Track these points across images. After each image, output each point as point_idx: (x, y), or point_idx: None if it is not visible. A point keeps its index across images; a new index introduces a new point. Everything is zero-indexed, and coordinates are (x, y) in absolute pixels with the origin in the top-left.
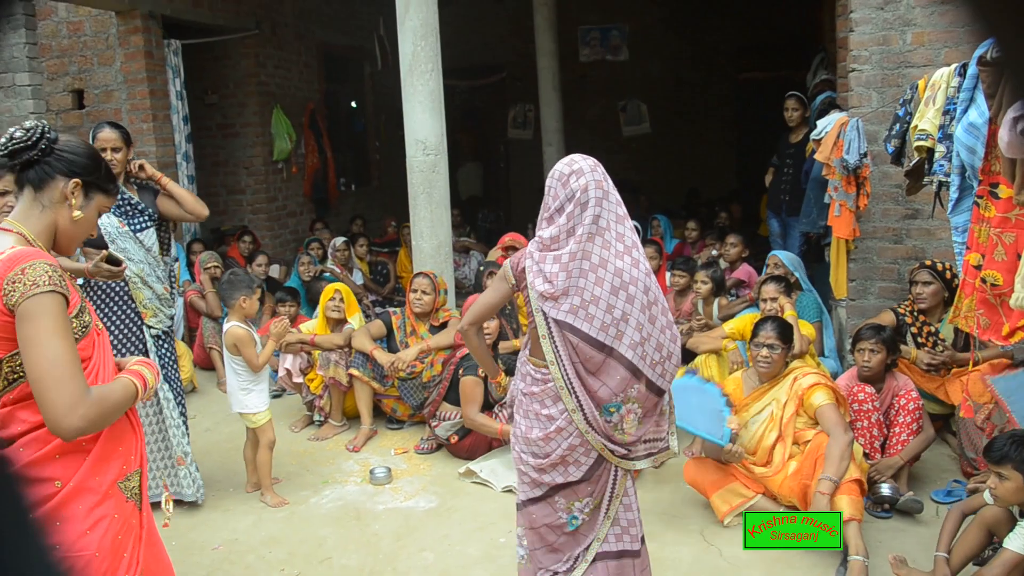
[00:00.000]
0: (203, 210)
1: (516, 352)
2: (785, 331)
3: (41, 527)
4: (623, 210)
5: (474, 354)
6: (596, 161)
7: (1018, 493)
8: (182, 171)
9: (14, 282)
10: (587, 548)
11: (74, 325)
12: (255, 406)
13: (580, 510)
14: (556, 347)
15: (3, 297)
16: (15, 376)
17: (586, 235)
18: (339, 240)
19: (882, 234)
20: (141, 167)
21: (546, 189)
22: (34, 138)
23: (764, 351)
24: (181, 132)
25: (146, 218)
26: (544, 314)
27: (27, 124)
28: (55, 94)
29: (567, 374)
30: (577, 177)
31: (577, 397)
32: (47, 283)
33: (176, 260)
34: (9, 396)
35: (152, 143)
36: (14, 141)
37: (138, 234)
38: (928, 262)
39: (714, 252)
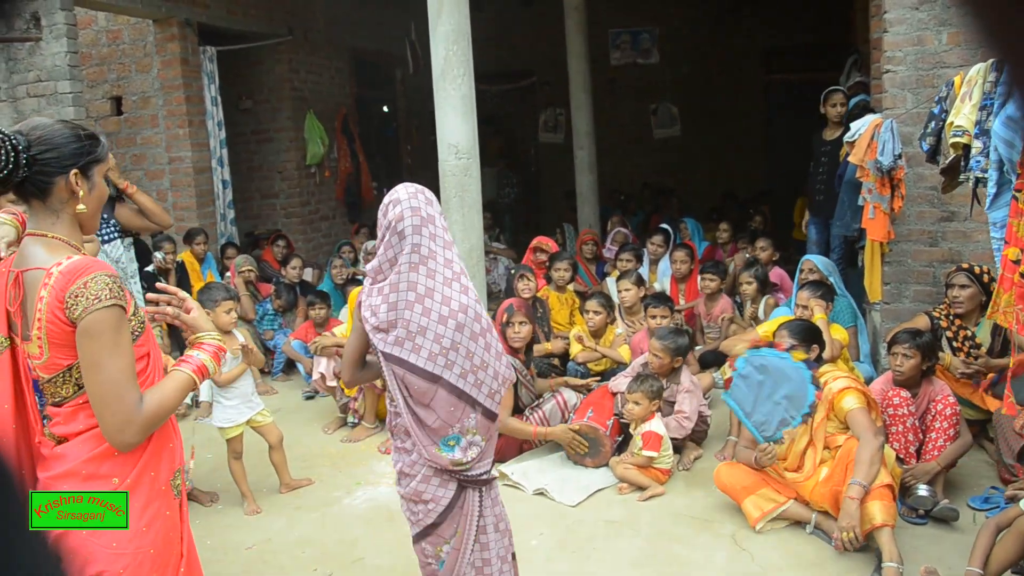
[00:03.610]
0: (168, 220)
1: (549, 355)
2: (802, 331)
3: (41, 535)
4: (450, 236)
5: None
6: (420, 188)
7: None
8: (217, 176)
9: (76, 296)
10: None
11: (132, 324)
12: (221, 420)
13: (447, 553)
14: (391, 381)
15: (65, 311)
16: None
17: (407, 264)
18: (371, 243)
19: (917, 237)
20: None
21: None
22: (8, 161)
23: None
24: (216, 137)
25: (111, 228)
26: (376, 348)
27: None
28: (94, 101)
29: (406, 410)
30: (394, 207)
31: (413, 430)
32: (108, 296)
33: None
34: (78, 399)
35: (188, 148)
36: None
37: (104, 246)
38: (965, 265)
39: (747, 255)
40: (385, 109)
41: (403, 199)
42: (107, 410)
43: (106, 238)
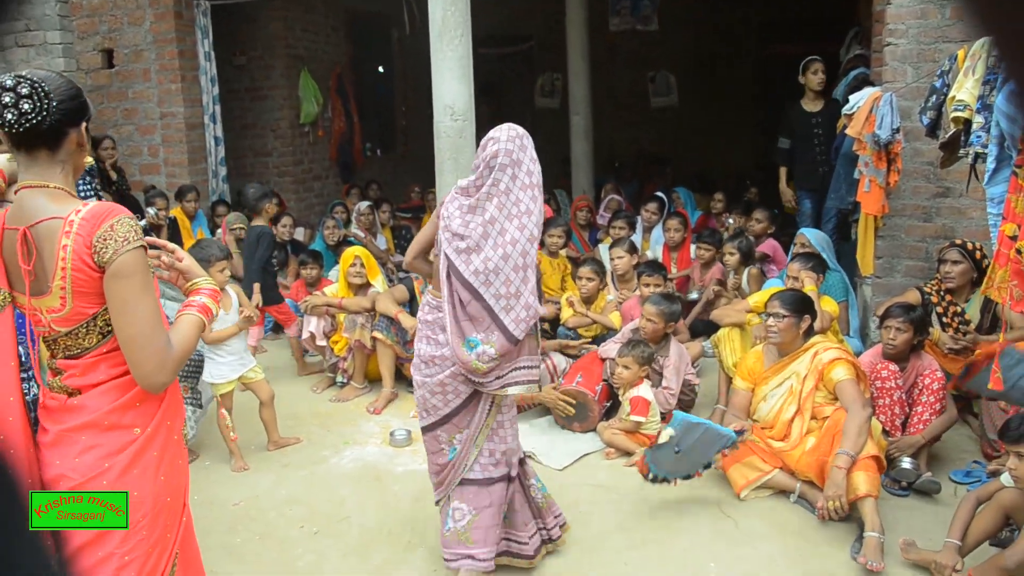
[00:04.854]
0: None
1: (539, 319)
2: (794, 301)
3: (40, 535)
4: (533, 180)
5: (424, 276)
6: (522, 133)
7: None
8: (209, 132)
9: (105, 239)
10: (457, 474)
11: None
12: (215, 376)
13: (460, 441)
14: (444, 278)
15: (93, 255)
16: (108, 329)
17: (486, 194)
18: (363, 204)
19: (911, 212)
20: None
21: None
22: (42, 109)
23: (770, 320)
24: (209, 93)
25: (88, 186)
26: (444, 245)
27: (20, 89)
28: (85, 53)
29: (449, 307)
30: (492, 144)
31: (449, 325)
32: (135, 238)
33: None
34: (102, 348)
35: (180, 104)
36: (26, 118)
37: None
38: (958, 241)
39: (729, 220)
40: (380, 70)
41: (502, 140)
42: (143, 351)
43: (84, 195)
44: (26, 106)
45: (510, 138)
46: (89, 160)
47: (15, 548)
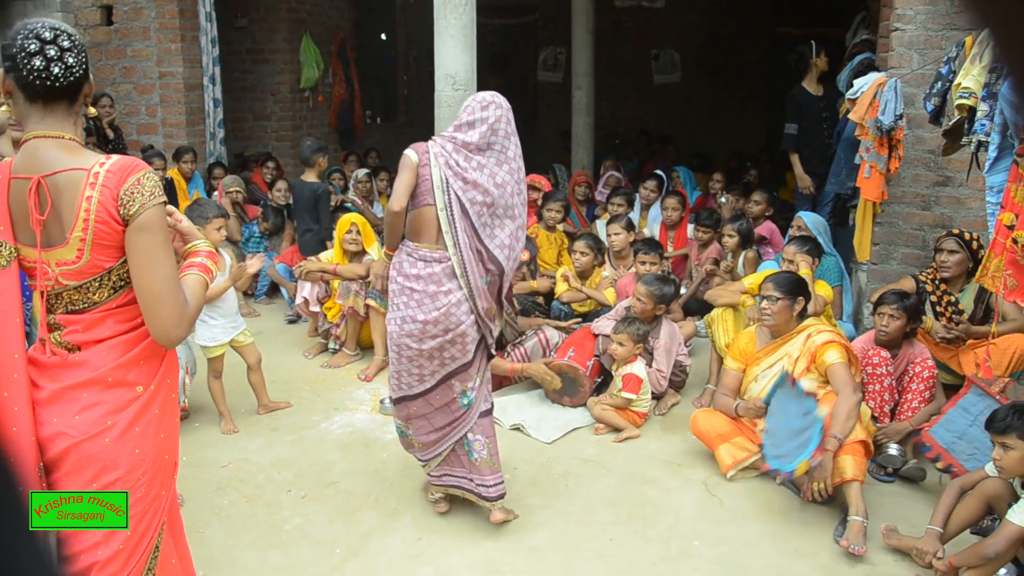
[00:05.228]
0: None
1: (532, 293)
2: (788, 284)
3: (40, 534)
4: (519, 151)
5: (387, 230)
6: (509, 106)
7: (1022, 463)
8: (208, 94)
9: (132, 193)
10: (475, 414)
11: None
12: (206, 339)
13: (472, 388)
14: (455, 225)
15: (119, 208)
16: (121, 284)
17: (495, 160)
18: (361, 172)
19: (910, 199)
20: None
21: (463, 106)
22: (83, 59)
23: (763, 303)
24: (209, 54)
25: None
26: (455, 194)
27: (62, 41)
28: (83, 9)
29: (461, 250)
30: (495, 108)
31: (467, 272)
32: (159, 193)
33: None
34: (111, 304)
35: (180, 64)
36: (72, 72)
37: None
38: (956, 231)
39: (723, 199)
40: (383, 37)
41: (504, 106)
42: (166, 305)
43: None
44: (71, 59)
45: (508, 108)
46: (92, 111)
47: (16, 547)
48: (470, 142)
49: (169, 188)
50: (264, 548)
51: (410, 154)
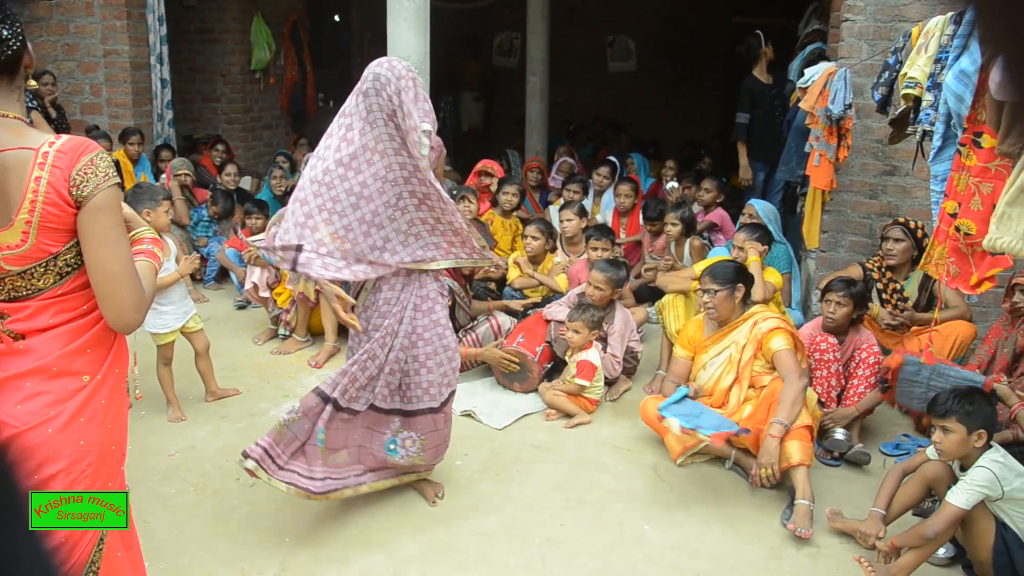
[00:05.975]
0: None
1: (486, 278)
2: (725, 273)
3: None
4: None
5: None
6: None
7: (961, 446)
8: (156, 74)
9: (86, 174)
10: None
11: None
12: (158, 326)
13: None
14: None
15: (71, 189)
16: (68, 270)
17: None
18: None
19: (858, 188)
20: None
21: None
22: (19, 31)
23: (704, 297)
24: (156, 33)
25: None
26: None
27: None
28: None
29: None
30: (366, 73)
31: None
32: (114, 174)
33: None
34: (57, 290)
35: (125, 42)
36: (7, 45)
37: None
38: (902, 220)
39: (673, 184)
40: (337, 19)
41: (372, 74)
42: (123, 289)
43: None
44: (5, 32)
45: (380, 75)
46: (33, 84)
47: (16, 547)
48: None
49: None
50: (211, 537)
51: None
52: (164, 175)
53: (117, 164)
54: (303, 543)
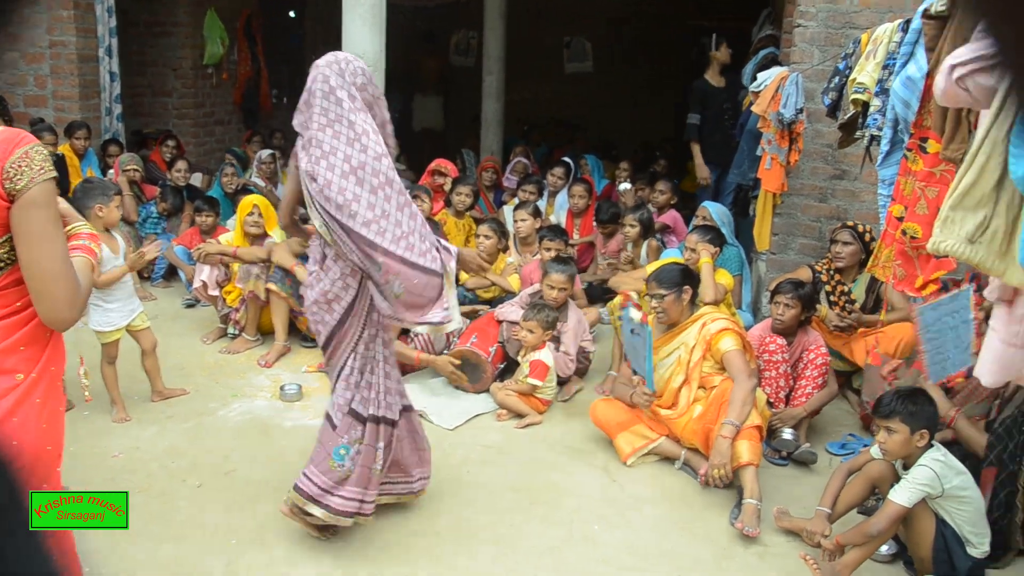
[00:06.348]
0: None
1: None
2: (670, 276)
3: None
4: (356, 104)
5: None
6: (340, 58)
7: (905, 446)
8: (104, 66)
9: (20, 166)
10: None
11: None
12: (103, 324)
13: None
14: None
15: (4, 182)
16: (2, 265)
17: (317, 126)
18: (265, 153)
19: (808, 191)
20: None
21: None
22: None
23: (653, 303)
24: (105, 24)
25: None
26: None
27: None
28: None
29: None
30: (314, 71)
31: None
32: (50, 168)
33: None
34: None
35: (72, 33)
36: None
37: None
38: (850, 223)
39: (626, 185)
40: (292, 15)
41: (320, 66)
42: (57, 285)
43: None
44: None
45: (327, 63)
46: None
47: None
48: (301, 123)
49: (60, 165)
50: (156, 540)
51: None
52: (112, 170)
53: (61, 159)
54: (251, 545)
